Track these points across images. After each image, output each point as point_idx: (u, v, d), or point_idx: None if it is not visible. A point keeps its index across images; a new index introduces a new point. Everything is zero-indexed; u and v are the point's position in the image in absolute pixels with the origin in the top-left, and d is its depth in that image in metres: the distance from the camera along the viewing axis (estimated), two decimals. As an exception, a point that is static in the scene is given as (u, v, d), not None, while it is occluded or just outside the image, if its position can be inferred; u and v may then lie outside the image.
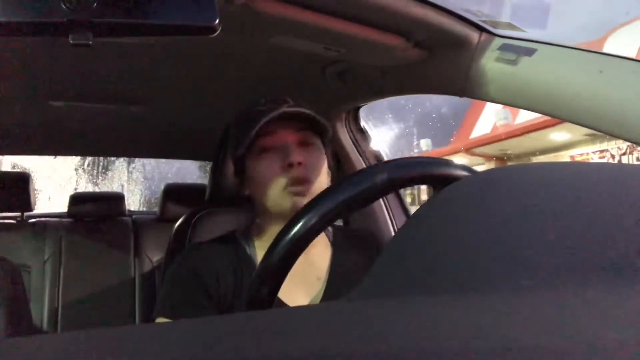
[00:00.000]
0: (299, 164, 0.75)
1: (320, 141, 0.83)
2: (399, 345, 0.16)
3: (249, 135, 0.75)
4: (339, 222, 1.52)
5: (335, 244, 0.87)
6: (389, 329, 0.18)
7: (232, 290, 0.77)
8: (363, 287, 0.26)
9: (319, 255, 0.83)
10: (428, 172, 0.46)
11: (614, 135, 0.68)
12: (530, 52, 0.77)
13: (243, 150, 0.78)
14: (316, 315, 0.20)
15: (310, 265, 0.81)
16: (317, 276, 0.81)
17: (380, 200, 1.41)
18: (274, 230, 0.79)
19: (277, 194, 0.76)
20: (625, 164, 0.30)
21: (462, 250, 0.24)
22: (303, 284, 0.79)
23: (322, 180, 0.80)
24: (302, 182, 0.75)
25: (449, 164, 0.47)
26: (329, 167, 0.85)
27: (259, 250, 0.82)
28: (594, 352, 0.15)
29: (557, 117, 0.75)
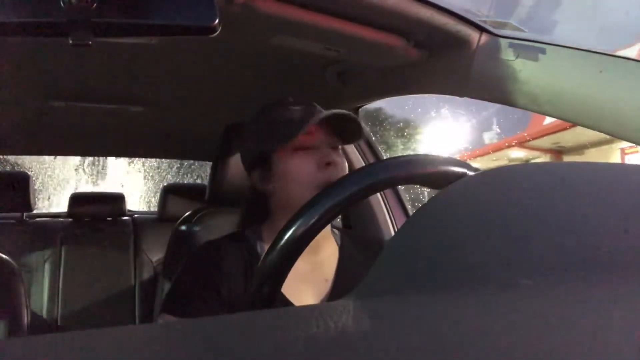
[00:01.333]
0: (334, 165, 0.77)
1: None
2: (397, 345, 0.16)
3: (296, 131, 0.76)
4: (338, 223, 1.52)
5: (342, 248, 0.88)
6: (389, 328, 0.18)
7: (243, 290, 0.78)
8: (363, 287, 0.26)
9: (327, 257, 0.84)
10: (426, 170, 0.46)
11: (614, 135, 0.68)
12: (530, 52, 0.77)
13: (286, 143, 0.78)
14: (316, 314, 0.20)
15: (319, 267, 0.82)
16: (325, 278, 0.82)
17: (380, 200, 1.41)
18: None
19: (311, 191, 0.75)
20: (623, 164, 0.30)
21: (462, 249, 0.24)
22: (311, 285, 0.80)
23: None
24: None
25: (447, 162, 0.47)
26: None
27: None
28: (593, 351, 0.15)
29: (557, 116, 0.75)
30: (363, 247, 0.91)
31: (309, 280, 0.80)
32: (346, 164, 0.82)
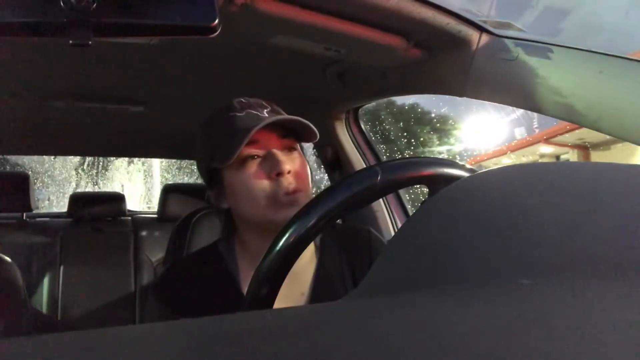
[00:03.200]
0: (289, 172, 0.70)
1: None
2: (398, 345, 0.16)
3: (238, 145, 0.68)
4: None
5: (322, 248, 0.81)
6: (388, 329, 0.18)
7: (213, 310, 0.72)
8: (363, 287, 0.26)
9: (303, 268, 0.78)
10: (425, 172, 0.46)
11: (614, 136, 0.68)
12: (530, 52, 0.77)
13: (228, 161, 0.70)
14: (317, 315, 0.20)
15: (294, 280, 0.74)
16: (301, 291, 0.76)
17: (380, 200, 1.41)
18: (258, 245, 0.75)
19: (265, 206, 0.70)
20: (623, 164, 0.30)
21: (461, 250, 0.24)
22: (286, 301, 0.73)
23: (310, 188, 0.75)
24: (293, 191, 0.71)
25: (446, 164, 0.47)
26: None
27: (242, 265, 0.78)
28: (593, 352, 0.15)
29: (557, 117, 0.75)
30: (346, 239, 0.84)
31: (283, 296, 0.71)
32: (306, 167, 0.75)
